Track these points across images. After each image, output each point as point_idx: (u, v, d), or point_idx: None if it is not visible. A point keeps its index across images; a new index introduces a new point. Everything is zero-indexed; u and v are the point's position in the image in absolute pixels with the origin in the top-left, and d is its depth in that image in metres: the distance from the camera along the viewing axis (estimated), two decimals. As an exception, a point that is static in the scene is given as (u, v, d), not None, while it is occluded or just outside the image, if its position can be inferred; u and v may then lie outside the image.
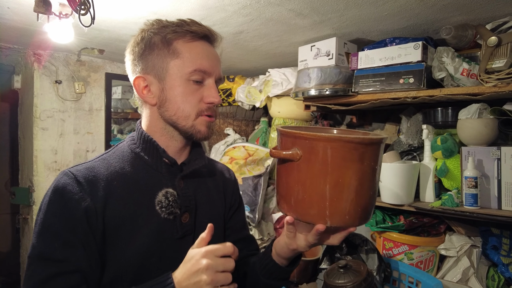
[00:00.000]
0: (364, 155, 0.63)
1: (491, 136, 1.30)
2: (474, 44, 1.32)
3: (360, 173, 0.64)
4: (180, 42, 0.75)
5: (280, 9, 1.30)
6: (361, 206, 0.65)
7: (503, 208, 1.23)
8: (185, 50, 0.75)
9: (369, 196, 0.66)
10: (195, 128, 0.77)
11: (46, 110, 2.12)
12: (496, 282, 1.33)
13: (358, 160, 0.63)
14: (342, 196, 0.63)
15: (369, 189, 0.66)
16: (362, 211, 0.66)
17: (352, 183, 0.63)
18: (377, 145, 0.65)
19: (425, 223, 1.48)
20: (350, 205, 0.64)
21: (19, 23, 1.57)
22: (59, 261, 0.65)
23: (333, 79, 1.51)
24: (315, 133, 0.63)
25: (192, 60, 0.74)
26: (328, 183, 0.63)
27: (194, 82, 0.75)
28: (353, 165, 0.63)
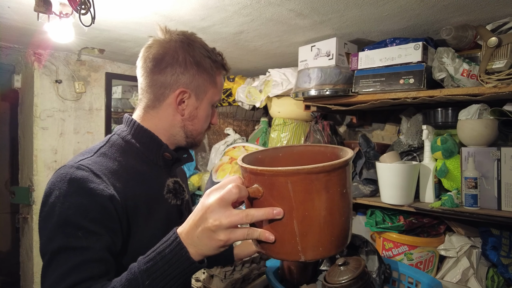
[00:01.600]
0: (328, 183, 0.58)
1: (491, 136, 1.30)
2: (474, 44, 1.32)
3: (328, 202, 0.59)
4: (218, 73, 0.89)
5: (281, 9, 1.30)
6: (335, 235, 0.61)
7: (503, 208, 1.23)
8: (219, 82, 0.90)
9: (341, 223, 0.62)
10: (199, 141, 0.93)
11: (46, 109, 2.12)
12: (495, 282, 1.33)
13: (323, 189, 0.58)
14: (312, 229, 0.59)
15: (341, 216, 0.61)
16: (337, 240, 0.61)
17: (321, 214, 0.59)
18: (342, 168, 0.60)
19: (425, 223, 1.48)
20: (322, 237, 0.60)
21: (20, 23, 1.57)
22: (84, 248, 0.64)
23: (333, 79, 1.51)
24: (272, 168, 0.57)
25: (220, 92, 0.91)
26: (295, 219, 0.58)
27: (212, 107, 0.91)
28: (318, 196, 0.58)
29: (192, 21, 1.46)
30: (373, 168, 1.53)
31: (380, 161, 1.47)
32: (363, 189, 1.55)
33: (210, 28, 1.53)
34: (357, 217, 1.78)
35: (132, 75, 2.44)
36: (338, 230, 0.61)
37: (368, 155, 1.60)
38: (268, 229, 0.60)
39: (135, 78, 2.79)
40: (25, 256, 2.38)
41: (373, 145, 1.64)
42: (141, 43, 1.82)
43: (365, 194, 1.54)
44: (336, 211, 0.60)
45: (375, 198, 1.52)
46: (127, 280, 0.58)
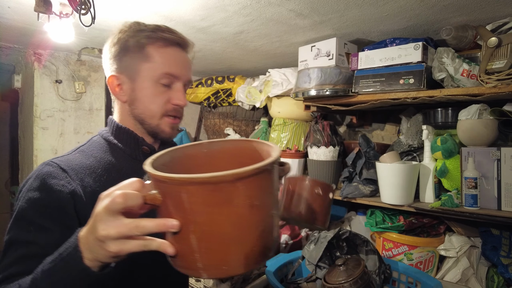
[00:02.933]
0: (232, 195, 0.48)
1: (491, 136, 1.30)
2: (474, 44, 1.32)
3: (233, 216, 0.49)
4: (152, 47, 0.81)
5: (281, 10, 1.30)
6: (244, 253, 0.51)
7: (502, 208, 1.23)
8: (156, 55, 0.81)
9: (254, 239, 0.51)
10: (159, 128, 0.83)
11: (46, 109, 2.12)
12: (495, 282, 1.33)
13: (225, 202, 0.48)
14: (213, 247, 0.49)
15: (252, 232, 0.51)
16: (246, 258, 0.51)
17: (223, 230, 0.49)
18: (252, 177, 0.49)
19: (425, 223, 1.48)
20: (227, 255, 0.50)
21: (20, 23, 1.57)
22: (30, 242, 0.64)
23: (333, 79, 1.52)
24: (165, 174, 0.48)
25: (162, 65, 0.80)
26: (192, 233, 0.49)
27: (163, 85, 0.81)
28: (219, 210, 0.48)
29: (192, 21, 1.46)
30: (373, 168, 1.53)
31: (380, 161, 1.47)
32: (363, 189, 1.55)
33: (210, 28, 1.53)
34: (357, 217, 1.78)
35: (132, 75, 2.45)
36: (249, 247, 0.51)
37: (368, 155, 1.60)
38: (171, 241, 0.51)
39: (135, 78, 2.71)
40: (25, 256, 2.38)
41: (373, 145, 1.64)
42: (141, 43, 1.83)
43: (365, 194, 1.54)
44: (246, 226, 0.50)
45: (375, 198, 1.52)
46: (31, 280, 0.56)
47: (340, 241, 1.39)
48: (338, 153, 1.75)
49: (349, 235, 1.36)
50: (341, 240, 1.39)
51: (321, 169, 1.74)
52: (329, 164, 1.73)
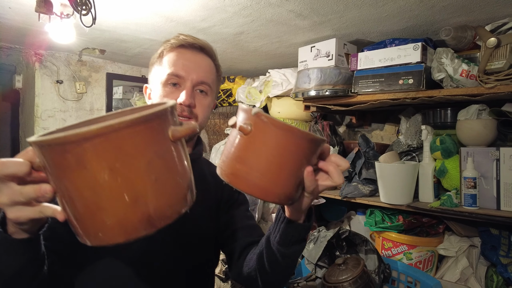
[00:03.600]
0: (83, 157, 0.45)
1: (490, 137, 1.30)
2: (473, 45, 1.33)
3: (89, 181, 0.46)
4: (165, 52, 0.87)
5: (280, 10, 1.30)
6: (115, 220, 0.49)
7: (501, 208, 1.24)
8: (165, 59, 0.86)
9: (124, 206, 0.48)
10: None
11: (47, 109, 2.13)
12: (494, 282, 1.33)
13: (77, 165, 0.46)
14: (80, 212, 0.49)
15: (119, 199, 0.48)
16: (122, 226, 0.50)
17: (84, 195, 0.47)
18: (105, 135, 0.45)
19: (424, 223, 1.49)
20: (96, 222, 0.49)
21: (21, 23, 1.58)
22: None
23: (332, 79, 1.52)
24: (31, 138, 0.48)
25: (168, 66, 0.84)
26: (63, 199, 0.50)
27: (171, 85, 0.84)
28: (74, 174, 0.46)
29: (192, 22, 1.47)
30: (373, 168, 1.54)
31: (379, 161, 1.48)
32: (362, 189, 1.55)
33: (210, 29, 1.54)
34: (356, 216, 1.79)
35: (133, 76, 2.45)
36: (120, 215, 0.48)
37: (368, 155, 1.61)
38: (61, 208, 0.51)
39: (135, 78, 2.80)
40: (26, 256, 2.38)
41: (373, 145, 1.65)
42: (142, 43, 1.84)
43: (365, 194, 1.55)
44: (108, 192, 0.47)
45: (375, 198, 1.52)
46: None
47: (340, 241, 1.40)
48: (337, 153, 1.76)
49: (348, 235, 1.37)
50: (340, 240, 1.39)
51: (321, 169, 1.74)
52: (329, 164, 1.73)
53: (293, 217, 0.72)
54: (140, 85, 2.55)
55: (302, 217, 0.72)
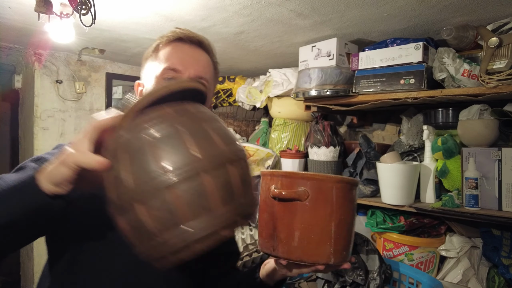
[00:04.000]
0: (354, 195, 0.70)
1: (492, 137, 1.30)
2: (475, 45, 1.32)
3: (353, 210, 0.70)
4: (160, 47, 0.82)
5: (281, 10, 1.30)
6: (351, 242, 0.71)
7: (503, 209, 1.23)
8: (161, 53, 0.81)
9: (353, 234, 0.72)
10: None
11: (47, 109, 2.12)
12: (496, 283, 1.33)
13: (352, 198, 0.69)
14: (344, 233, 0.68)
15: (354, 225, 0.73)
16: (352, 248, 0.71)
17: (349, 220, 0.69)
18: (356, 187, 0.72)
19: (426, 224, 1.48)
20: (348, 241, 0.69)
21: (20, 23, 1.57)
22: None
23: (333, 79, 1.51)
24: (322, 174, 0.68)
25: (164, 60, 0.79)
26: (333, 221, 0.66)
27: (167, 80, 0.79)
28: (350, 204, 0.69)
29: (192, 21, 1.46)
30: (374, 169, 1.53)
31: (380, 162, 1.47)
32: (363, 190, 1.55)
33: (210, 28, 1.53)
34: (357, 217, 1.78)
35: (133, 76, 2.44)
36: (353, 239, 0.71)
37: (369, 156, 1.60)
38: (306, 231, 0.66)
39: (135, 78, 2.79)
40: (25, 256, 2.38)
41: (374, 145, 1.64)
42: (142, 43, 1.83)
43: (366, 195, 1.54)
44: (354, 220, 0.71)
45: (376, 199, 1.52)
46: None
47: (341, 242, 1.39)
48: (338, 153, 1.75)
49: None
50: (341, 241, 1.39)
51: (321, 169, 1.74)
52: (330, 165, 1.73)
53: (266, 280, 0.80)
54: (140, 85, 2.55)
55: (272, 283, 0.80)
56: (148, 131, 0.47)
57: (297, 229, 0.66)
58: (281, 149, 2.05)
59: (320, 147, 1.73)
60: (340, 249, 0.67)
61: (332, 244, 0.66)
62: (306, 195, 0.65)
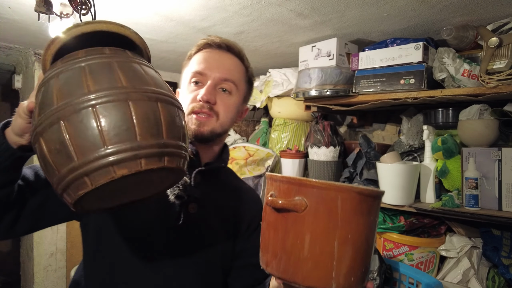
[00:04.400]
0: (371, 208, 0.57)
1: (492, 137, 1.30)
2: (475, 45, 1.32)
3: (369, 228, 0.57)
4: (193, 54, 0.89)
5: (281, 10, 1.30)
6: (366, 265, 0.58)
7: (503, 209, 1.23)
8: (192, 60, 0.88)
9: (370, 255, 0.59)
10: (192, 126, 0.82)
11: (47, 109, 2.12)
12: (496, 283, 1.33)
13: (368, 212, 0.56)
14: (350, 254, 0.55)
15: (372, 247, 0.59)
16: (365, 272, 0.58)
17: (361, 239, 0.56)
18: (380, 198, 0.60)
19: (426, 224, 1.48)
20: (358, 264, 0.56)
21: (20, 23, 1.57)
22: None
23: (333, 79, 1.51)
24: (324, 181, 0.55)
25: (193, 65, 0.86)
26: (337, 239, 0.54)
27: (194, 84, 0.85)
28: (363, 219, 0.56)
29: (192, 21, 1.46)
30: (374, 169, 1.53)
31: (380, 162, 1.47)
32: (363, 190, 1.54)
33: (210, 28, 1.53)
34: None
35: (133, 75, 2.44)
36: (369, 262, 0.58)
37: (369, 156, 1.60)
38: (302, 248, 0.55)
39: (135, 78, 2.71)
40: (25, 256, 2.37)
41: (374, 145, 1.64)
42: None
43: (366, 195, 1.54)
44: (371, 240, 0.57)
45: (376, 199, 1.51)
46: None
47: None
48: (338, 153, 1.75)
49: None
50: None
51: (321, 170, 1.74)
52: (330, 165, 1.73)
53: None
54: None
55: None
56: (79, 62, 0.49)
57: (292, 244, 0.56)
58: (281, 149, 2.05)
59: (320, 147, 1.73)
60: (346, 273, 0.55)
61: (334, 266, 0.54)
62: (303, 206, 0.55)
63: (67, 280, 2.19)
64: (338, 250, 0.54)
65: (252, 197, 0.99)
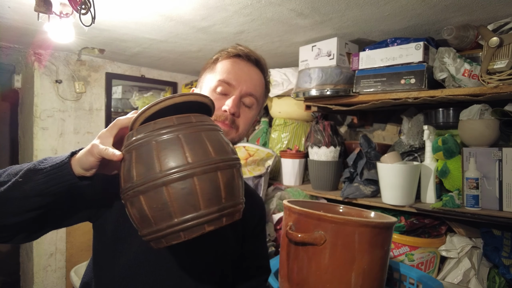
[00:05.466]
0: (385, 239, 0.61)
1: (493, 137, 1.29)
2: (475, 44, 1.32)
3: (383, 258, 0.62)
4: (219, 60, 0.88)
5: (281, 9, 1.29)
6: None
7: (504, 209, 1.23)
8: (219, 66, 0.86)
9: (385, 282, 0.64)
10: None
11: (46, 109, 2.12)
12: (497, 283, 1.32)
13: (383, 243, 0.61)
14: (367, 284, 0.60)
15: (386, 274, 0.64)
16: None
17: (376, 269, 0.61)
18: (393, 228, 0.64)
19: (426, 224, 1.48)
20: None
21: (20, 23, 1.57)
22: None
23: (334, 79, 1.51)
24: (342, 216, 0.61)
25: (220, 74, 0.85)
26: (354, 271, 0.59)
27: (219, 93, 0.84)
28: (378, 250, 0.60)
29: (192, 21, 1.46)
30: (374, 169, 1.53)
31: (381, 162, 1.47)
32: (364, 190, 1.54)
33: (210, 28, 1.53)
34: (357, 217, 1.78)
35: (132, 75, 2.44)
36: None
37: (369, 156, 1.60)
38: (321, 278, 0.59)
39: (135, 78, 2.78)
40: (25, 257, 2.37)
41: (374, 145, 1.64)
42: (141, 43, 1.83)
43: (366, 195, 1.54)
44: (385, 269, 0.62)
45: (376, 199, 1.51)
46: (19, 167, 0.65)
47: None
48: (339, 153, 1.75)
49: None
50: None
51: (321, 170, 1.73)
52: (330, 165, 1.72)
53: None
54: (139, 85, 2.54)
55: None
56: (155, 136, 0.56)
57: (311, 275, 0.61)
58: (281, 149, 2.05)
59: (321, 147, 1.73)
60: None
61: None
62: (322, 240, 0.59)
63: (67, 280, 2.18)
64: (355, 281, 0.59)
65: (256, 202, 1.01)
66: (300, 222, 0.62)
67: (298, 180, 1.93)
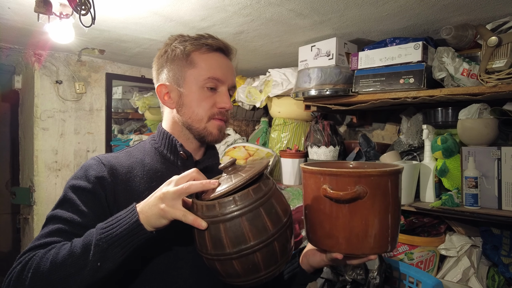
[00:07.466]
0: (400, 180, 0.74)
1: (492, 136, 1.30)
2: (474, 44, 1.32)
3: (400, 197, 0.74)
4: (197, 53, 0.85)
5: (280, 9, 1.30)
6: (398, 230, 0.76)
7: (503, 208, 1.23)
8: (201, 61, 0.84)
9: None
10: (207, 130, 0.85)
11: (47, 110, 2.12)
12: (496, 282, 1.33)
13: (399, 185, 0.74)
14: (398, 222, 0.74)
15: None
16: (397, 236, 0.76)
17: (400, 207, 0.74)
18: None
19: (425, 223, 1.48)
20: (399, 226, 0.75)
21: (20, 23, 1.57)
22: (66, 220, 0.74)
23: (333, 79, 1.51)
24: (378, 169, 0.71)
25: (207, 70, 0.84)
26: (390, 213, 0.71)
27: (208, 89, 0.84)
28: (400, 191, 0.74)
29: (192, 22, 1.47)
30: (374, 168, 1.53)
31: (380, 161, 1.47)
32: (363, 189, 1.54)
33: (210, 28, 1.53)
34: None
35: (132, 76, 2.45)
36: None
37: (369, 155, 1.60)
38: (368, 226, 0.69)
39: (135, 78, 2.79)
40: (26, 257, 2.37)
41: (374, 144, 1.64)
42: (141, 43, 1.83)
43: (366, 194, 1.54)
44: (401, 204, 0.76)
45: (376, 198, 1.51)
46: (85, 236, 0.67)
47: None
48: (338, 152, 1.75)
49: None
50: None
51: (321, 169, 1.74)
52: (330, 164, 1.73)
53: (304, 266, 0.89)
54: (139, 85, 2.55)
55: (311, 270, 0.89)
56: (241, 213, 0.64)
57: (357, 226, 0.69)
58: (281, 148, 2.05)
59: (320, 146, 1.73)
60: (395, 235, 0.72)
61: (389, 233, 0.70)
62: (365, 193, 0.67)
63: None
64: (391, 221, 0.70)
65: None
66: (338, 182, 0.70)
67: (298, 180, 1.93)
